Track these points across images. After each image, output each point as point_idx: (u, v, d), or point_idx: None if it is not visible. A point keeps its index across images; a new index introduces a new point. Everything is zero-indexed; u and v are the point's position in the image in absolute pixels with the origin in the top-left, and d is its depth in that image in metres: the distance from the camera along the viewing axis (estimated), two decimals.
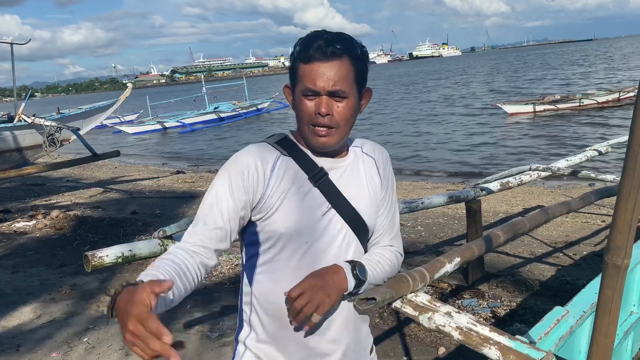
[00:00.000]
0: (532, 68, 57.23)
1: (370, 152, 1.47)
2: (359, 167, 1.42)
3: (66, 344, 3.86)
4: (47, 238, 6.87)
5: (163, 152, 20.86)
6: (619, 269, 1.06)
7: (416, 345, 3.64)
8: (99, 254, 2.38)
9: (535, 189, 9.15)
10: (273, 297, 1.35)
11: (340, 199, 1.36)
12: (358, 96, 1.33)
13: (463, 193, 4.27)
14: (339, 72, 1.26)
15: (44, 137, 10.01)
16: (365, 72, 1.34)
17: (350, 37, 1.32)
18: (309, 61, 1.26)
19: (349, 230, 1.37)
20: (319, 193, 1.34)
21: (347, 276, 1.32)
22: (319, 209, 1.34)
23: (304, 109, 1.29)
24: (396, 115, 25.81)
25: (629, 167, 1.01)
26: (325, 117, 1.27)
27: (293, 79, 1.33)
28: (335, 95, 1.27)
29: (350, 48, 1.29)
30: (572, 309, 1.77)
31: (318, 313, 1.26)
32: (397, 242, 1.53)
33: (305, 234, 1.33)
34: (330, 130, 1.29)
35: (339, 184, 1.37)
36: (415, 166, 13.65)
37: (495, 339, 1.41)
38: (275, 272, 1.35)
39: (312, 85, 1.26)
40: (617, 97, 19.88)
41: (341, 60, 1.27)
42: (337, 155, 1.40)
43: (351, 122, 1.33)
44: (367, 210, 1.40)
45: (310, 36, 1.30)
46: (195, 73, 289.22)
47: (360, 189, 1.40)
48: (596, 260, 5.22)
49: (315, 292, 1.26)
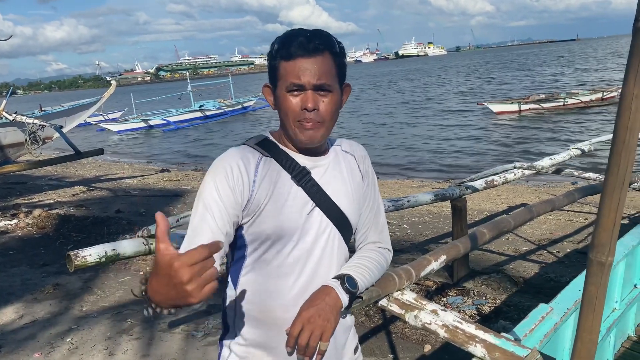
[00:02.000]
0: (508, 69, 57.75)
1: (349, 149, 1.48)
2: (340, 165, 1.43)
3: (49, 344, 3.81)
4: (29, 237, 6.77)
5: (148, 150, 20.68)
6: (603, 266, 1.06)
7: (402, 343, 3.65)
8: (82, 254, 2.34)
9: (519, 187, 9.24)
10: (258, 298, 1.34)
11: (324, 197, 1.35)
12: (340, 91, 1.34)
13: (448, 191, 4.29)
14: (323, 67, 1.26)
15: (26, 135, 9.86)
16: (345, 68, 1.35)
17: (328, 33, 1.33)
18: (291, 58, 1.26)
19: (333, 228, 1.37)
20: (302, 192, 1.33)
21: (339, 293, 1.31)
22: (304, 208, 1.33)
23: (289, 106, 1.28)
24: (381, 114, 25.88)
25: (613, 164, 1.02)
26: (312, 112, 1.27)
27: (274, 77, 1.32)
28: (321, 89, 1.27)
29: (330, 44, 1.30)
30: (556, 306, 1.79)
31: (324, 340, 1.26)
32: (385, 237, 1.54)
33: (291, 233, 1.32)
34: (317, 124, 1.29)
35: (322, 182, 1.36)
36: (400, 165, 13.70)
37: (481, 336, 1.42)
38: (261, 273, 1.35)
39: (296, 80, 1.26)
40: (601, 96, 20.15)
41: (323, 56, 1.27)
42: (319, 154, 1.40)
43: (335, 117, 1.34)
44: (349, 208, 1.40)
45: (289, 34, 1.29)
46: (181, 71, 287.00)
47: (342, 187, 1.40)
48: (579, 257, 5.28)
49: (314, 322, 1.25)
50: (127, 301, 4.58)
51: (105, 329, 4.04)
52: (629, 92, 0.99)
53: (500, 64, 71.29)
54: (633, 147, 1.02)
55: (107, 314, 4.32)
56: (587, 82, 30.14)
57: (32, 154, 10.29)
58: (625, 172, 1.01)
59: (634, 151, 1.03)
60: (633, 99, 0.98)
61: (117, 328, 4.04)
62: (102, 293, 4.79)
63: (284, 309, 1.32)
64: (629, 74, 0.98)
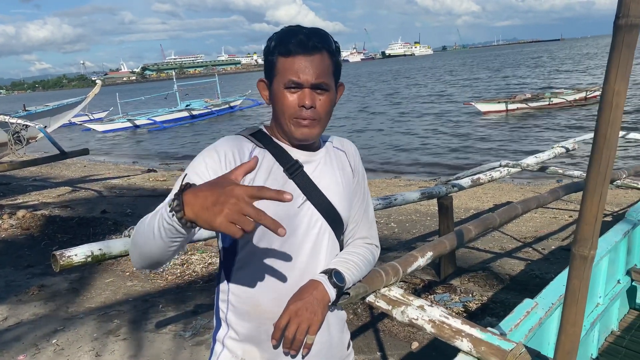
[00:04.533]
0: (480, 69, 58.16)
1: (340, 145, 1.50)
2: (332, 161, 1.44)
3: (34, 346, 3.77)
4: (13, 238, 6.68)
5: (134, 150, 20.52)
6: (586, 259, 1.08)
7: (390, 340, 3.67)
8: (67, 253, 2.32)
9: (505, 185, 9.33)
10: (250, 293, 1.34)
11: (315, 191, 1.36)
12: (335, 90, 1.36)
13: (435, 189, 4.31)
14: (321, 66, 1.28)
15: (9, 135, 9.71)
16: (340, 67, 1.37)
17: (325, 32, 1.34)
18: (289, 55, 1.27)
19: (324, 222, 1.38)
20: (294, 185, 1.34)
21: (327, 287, 1.32)
22: (295, 201, 1.33)
23: (285, 102, 1.29)
24: (369, 113, 25.94)
25: (595, 160, 1.04)
26: (309, 110, 1.28)
27: (270, 73, 1.33)
28: (319, 87, 1.28)
29: (328, 43, 1.31)
30: (541, 301, 1.81)
31: (311, 333, 1.28)
32: (373, 233, 1.56)
33: None
34: (313, 122, 1.30)
35: (314, 177, 1.37)
36: (387, 163, 13.76)
37: (467, 331, 1.43)
38: (253, 266, 1.34)
39: (295, 77, 1.26)
40: (584, 96, 20.46)
41: (321, 54, 1.28)
42: (311, 149, 1.41)
43: (330, 115, 1.36)
44: (340, 203, 1.41)
45: (288, 31, 1.30)
46: (167, 70, 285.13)
47: (333, 182, 1.41)
48: (564, 254, 5.35)
49: (301, 315, 1.27)
50: (113, 302, 4.54)
51: (91, 329, 4.00)
52: (610, 89, 1.01)
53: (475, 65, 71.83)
54: (614, 142, 1.04)
55: (94, 314, 4.28)
56: (552, 84, 30.56)
57: (15, 154, 10.15)
58: (607, 167, 1.03)
59: (615, 146, 1.05)
60: (614, 95, 1.00)
61: (104, 329, 4.01)
62: (88, 294, 4.75)
63: (275, 303, 1.32)
64: (610, 70, 1.00)
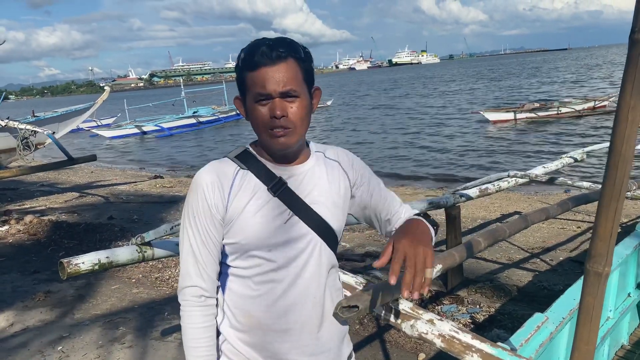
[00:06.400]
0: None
1: (333, 156, 1.49)
2: (321, 172, 1.44)
3: (40, 352, 3.77)
4: (20, 244, 6.71)
5: (141, 156, 20.59)
6: (600, 276, 1.07)
7: (396, 351, 3.64)
8: (74, 261, 2.32)
9: (512, 195, 9.27)
10: (243, 305, 1.38)
11: (301, 205, 1.37)
12: (309, 95, 1.36)
13: (443, 199, 4.29)
14: (287, 73, 1.28)
15: (18, 141, 9.78)
16: (312, 72, 1.37)
17: (292, 40, 1.35)
18: (255, 68, 1.28)
19: (314, 235, 1.38)
20: (279, 202, 1.35)
21: (428, 225, 1.39)
22: (281, 217, 1.35)
23: (258, 115, 1.31)
24: (375, 121, 25.95)
25: (610, 175, 1.02)
26: (281, 119, 1.29)
27: (242, 89, 1.35)
28: (287, 95, 1.29)
29: (294, 50, 1.31)
30: (551, 316, 1.79)
31: (428, 266, 1.22)
32: (403, 205, 1.60)
33: (268, 242, 1.34)
34: (288, 130, 1.31)
35: (300, 190, 1.38)
36: (394, 172, 13.72)
37: (478, 346, 1.42)
38: (244, 280, 1.37)
39: (262, 89, 1.28)
40: (593, 105, 20.41)
41: (287, 62, 1.29)
42: (297, 161, 1.41)
43: (306, 121, 1.36)
44: (330, 214, 1.41)
45: (253, 45, 1.31)
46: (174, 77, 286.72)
47: (322, 194, 1.41)
48: (572, 265, 5.30)
49: (415, 249, 1.23)
50: (119, 309, 4.54)
51: (97, 337, 4.00)
52: (626, 104, 0.99)
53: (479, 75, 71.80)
54: (629, 157, 1.02)
55: (99, 321, 4.28)
56: (545, 95, 30.54)
57: (24, 160, 10.21)
58: (622, 183, 1.02)
59: (630, 162, 1.03)
60: (629, 110, 0.99)
61: (110, 336, 4.00)
62: (94, 301, 4.75)
63: (266, 315, 1.36)
64: (625, 85, 0.99)
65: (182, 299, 1.38)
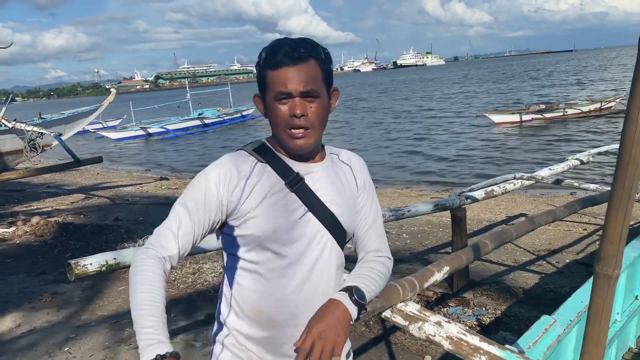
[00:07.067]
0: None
1: (346, 160, 1.51)
2: (335, 173, 1.46)
3: (47, 353, 3.78)
4: (27, 245, 6.74)
5: (146, 158, 20.66)
6: (610, 278, 1.06)
7: (402, 353, 3.63)
8: (82, 262, 2.33)
9: (518, 197, 9.25)
10: (252, 299, 1.38)
11: (317, 202, 1.38)
12: (328, 96, 1.38)
13: (449, 201, 4.29)
14: (308, 74, 1.30)
15: (25, 143, 9.85)
16: (331, 73, 1.39)
17: (312, 41, 1.37)
18: (277, 67, 1.30)
19: (326, 232, 1.39)
20: (295, 197, 1.37)
21: (348, 306, 1.34)
22: (296, 212, 1.36)
23: (278, 114, 1.32)
24: (380, 123, 25.93)
25: (620, 177, 1.02)
26: (301, 118, 1.30)
27: (262, 87, 1.36)
28: (308, 95, 1.30)
29: (315, 51, 1.33)
30: (559, 318, 1.78)
31: (335, 355, 1.28)
32: (384, 246, 1.56)
33: (282, 237, 1.35)
34: (307, 132, 1.32)
35: (315, 188, 1.39)
36: (400, 174, 13.72)
37: (486, 348, 1.41)
38: (254, 274, 1.37)
39: (284, 88, 1.29)
40: (599, 107, 20.31)
41: (308, 63, 1.31)
42: (313, 159, 1.43)
43: (324, 122, 1.37)
44: (343, 213, 1.42)
45: (275, 44, 1.33)
46: (180, 79, 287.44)
47: (336, 193, 1.43)
48: (578, 268, 5.28)
49: (325, 337, 1.27)
50: (125, 310, 4.55)
51: (103, 338, 4.01)
52: (636, 105, 0.99)
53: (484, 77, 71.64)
54: (639, 160, 1.02)
55: (106, 323, 4.29)
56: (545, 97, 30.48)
57: (30, 162, 10.27)
58: (632, 185, 1.02)
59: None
60: (639, 112, 0.99)
61: (116, 337, 4.01)
62: (100, 302, 4.76)
63: (276, 310, 1.36)
64: (636, 86, 0.98)
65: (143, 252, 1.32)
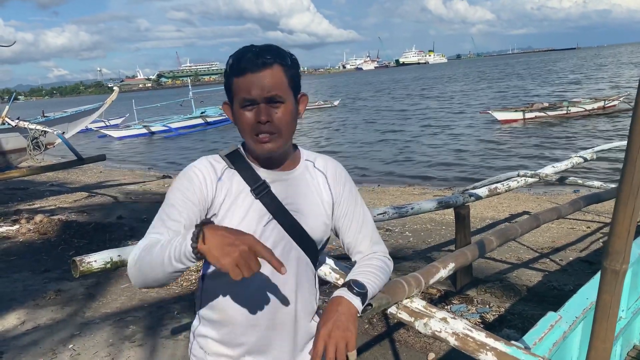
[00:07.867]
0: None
1: (322, 167, 1.50)
2: (307, 180, 1.46)
3: (51, 350, 3.80)
4: (31, 243, 6.76)
5: (149, 156, 20.69)
6: (618, 274, 1.06)
7: (406, 351, 3.63)
8: (87, 259, 2.33)
9: (521, 195, 9.24)
10: (215, 300, 1.41)
11: (281, 210, 1.39)
12: (294, 101, 1.38)
13: (452, 199, 4.28)
14: (272, 80, 1.30)
15: (28, 141, 9.87)
16: (298, 78, 1.38)
17: (278, 47, 1.37)
18: (242, 74, 1.30)
19: (290, 240, 1.40)
20: (261, 205, 1.37)
21: (350, 299, 1.35)
22: (261, 220, 1.37)
23: (244, 120, 1.33)
24: (382, 121, 25.92)
25: (628, 172, 1.02)
26: (266, 124, 1.31)
27: (229, 94, 1.37)
28: (272, 101, 1.31)
29: (280, 57, 1.33)
30: (565, 315, 1.78)
31: (350, 349, 1.30)
32: (379, 247, 1.55)
33: None
34: (273, 136, 1.33)
35: (283, 196, 1.40)
36: (403, 172, 13.71)
37: (492, 344, 1.41)
38: (219, 279, 1.39)
39: (248, 95, 1.30)
40: (603, 105, 20.26)
41: (272, 69, 1.30)
42: (283, 166, 1.43)
43: (292, 127, 1.37)
44: (310, 224, 1.42)
45: (240, 51, 1.34)
46: (182, 77, 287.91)
47: (305, 202, 1.43)
48: (582, 265, 5.27)
49: (334, 336, 1.29)
50: (129, 308, 4.56)
51: (107, 335, 4.02)
52: None
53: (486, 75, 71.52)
54: None
55: (110, 320, 4.30)
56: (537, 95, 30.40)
57: (34, 160, 10.28)
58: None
59: None
60: None
61: (120, 335, 4.02)
62: (104, 299, 4.78)
63: (238, 311, 1.39)
64: None
65: (139, 243, 1.35)
